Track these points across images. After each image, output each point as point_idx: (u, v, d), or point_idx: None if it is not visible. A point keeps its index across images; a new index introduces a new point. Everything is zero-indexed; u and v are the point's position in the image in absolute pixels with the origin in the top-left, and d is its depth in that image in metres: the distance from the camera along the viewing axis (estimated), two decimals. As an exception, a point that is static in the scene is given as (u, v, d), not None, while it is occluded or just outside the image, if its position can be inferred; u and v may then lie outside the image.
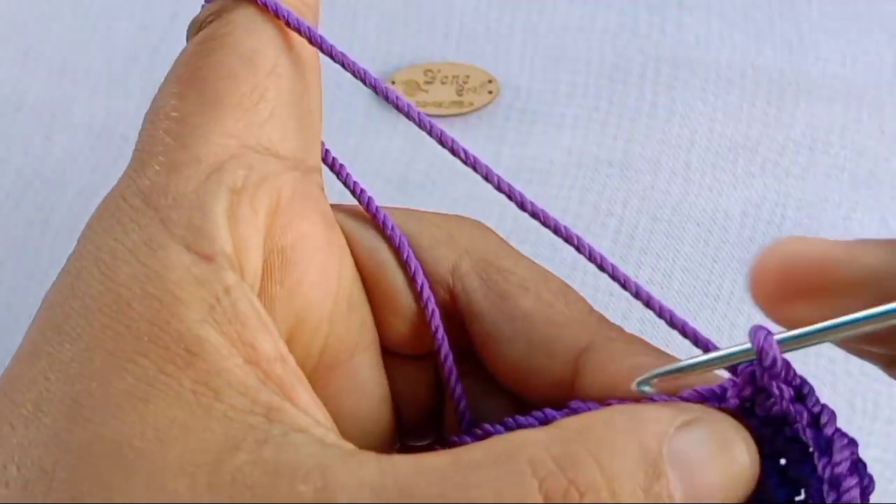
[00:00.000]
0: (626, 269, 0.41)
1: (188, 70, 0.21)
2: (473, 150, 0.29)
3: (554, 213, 0.43)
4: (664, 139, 0.44)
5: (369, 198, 0.24)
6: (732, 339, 0.40)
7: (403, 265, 0.23)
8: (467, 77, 0.44)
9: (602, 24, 0.46)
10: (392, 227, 0.23)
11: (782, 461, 0.21)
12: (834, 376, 0.39)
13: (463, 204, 0.43)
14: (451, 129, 0.44)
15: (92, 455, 0.16)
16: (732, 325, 0.40)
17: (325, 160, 0.24)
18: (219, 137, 0.20)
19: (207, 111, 0.20)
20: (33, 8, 0.47)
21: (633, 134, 0.44)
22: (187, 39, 0.22)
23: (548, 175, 0.43)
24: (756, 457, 0.20)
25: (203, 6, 0.23)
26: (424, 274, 0.23)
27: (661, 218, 0.42)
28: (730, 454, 0.20)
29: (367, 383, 0.23)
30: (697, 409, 0.20)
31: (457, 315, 0.23)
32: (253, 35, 0.21)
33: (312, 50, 0.23)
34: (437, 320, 0.23)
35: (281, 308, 0.20)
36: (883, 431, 0.38)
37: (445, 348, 0.23)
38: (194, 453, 0.16)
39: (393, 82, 0.44)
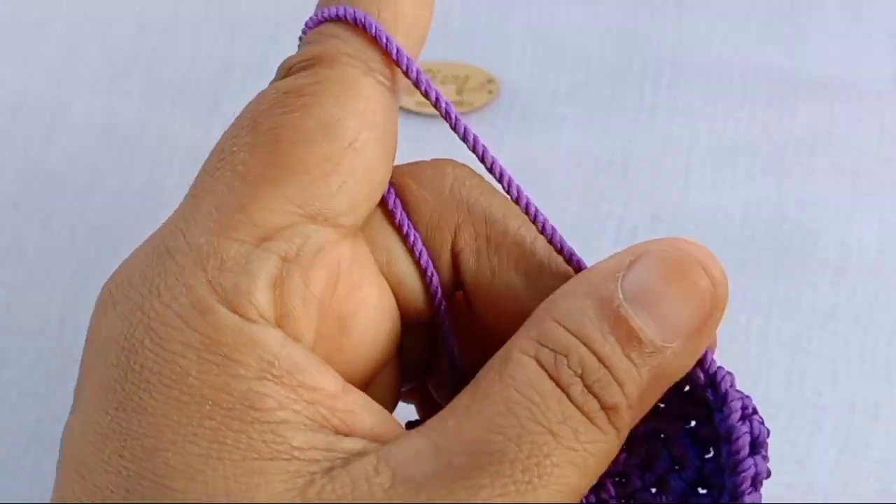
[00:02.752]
0: (627, 270, 0.42)
1: (265, 122, 0.21)
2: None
3: (554, 213, 0.43)
4: (664, 139, 0.44)
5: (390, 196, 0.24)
6: (733, 339, 0.40)
7: (410, 249, 0.23)
8: (467, 77, 0.44)
9: (602, 24, 0.46)
10: (400, 212, 0.24)
11: (692, 423, 0.22)
12: (834, 376, 0.39)
13: (463, 204, 0.43)
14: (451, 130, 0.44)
15: None
16: (733, 325, 0.40)
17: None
18: (279, 204, 0.20)
19: (274, 173, 0.20)
20: (33, 8, 0.47)
21: (633, 134, 0.44)
22: (276, 76, 0.23)
23: (548, 175, 0.43)
24: (724, 275, 0.20)
25: (301, 39, 0.22)
26: (428, 251, 0.23)
27: (661, 218, 0.42)
28: (686, 276, 0.20)
29: (390, 383, 0.25)
30: (645, 244, 0.21)
31: (456, 282, 0.24)
32: (338, 102, 0.21)
33: (393, 121, 0.23)
34: (439, 297, 0.24)
35: (337, 366, 0.21)
36: (883, 431, 0.38)
37: (446, 322, 0.24)
38: (277, 491, 0.18)
39: (393, 82, 0.44)
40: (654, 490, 0.22)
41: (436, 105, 0.23)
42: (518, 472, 0.18)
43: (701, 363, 0.22)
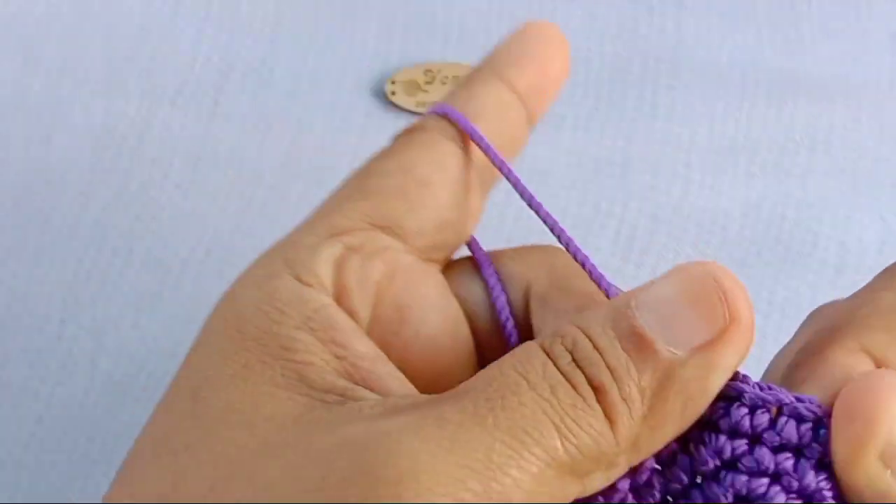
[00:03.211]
0: (626, 270, 0.42)
1: (363, 166, 0.26)
2: (473, 151, 0.29)
3: (554, 213, 0.43)
4: (664, 139, 0.44)
5: (472, 240, 0.27)
6: (732, 339, 0.40)
7: (493, 305, 0.26)
8: (467, 77, 0.44)
9: (602, 24, 0.46)
10: (488, 268, 0.26)
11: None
12: (834, 376, 0.39)
13: (463, 204, 0.43)
14: (451, 130, 0.45)
15: (203, 418, 0.21)
16: (732, 325, 0.40)
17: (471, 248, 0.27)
18: (354, 213, 0.24)
19: (355, 195, 0.25)
20: (33, 8, 0.47)
21: (633, 134, 0.44)
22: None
23: (548, 175, 0.43)
24: (745, 301, 0.21)
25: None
26: (511, 310, 0.25)
27: (661, 218, 0.42)
28: (703, 293, 0.21)
29: None
30: (677, 266, 0.22)
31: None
32: (418, 151, 0.25)
33: (468, 179, 0.26)
34: (510, 328, 0.25)
35: (394, 356, 0.23)
36: (883, 431, 0.38)
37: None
38: (282, 410, 0.21)
39: (393, 82, 0.44)
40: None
41: (508, 178, 0.27)
42: (482, 399, 0.19)
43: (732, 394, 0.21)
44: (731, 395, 0.21)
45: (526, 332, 0.25)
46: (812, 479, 0.20)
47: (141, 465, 0.22)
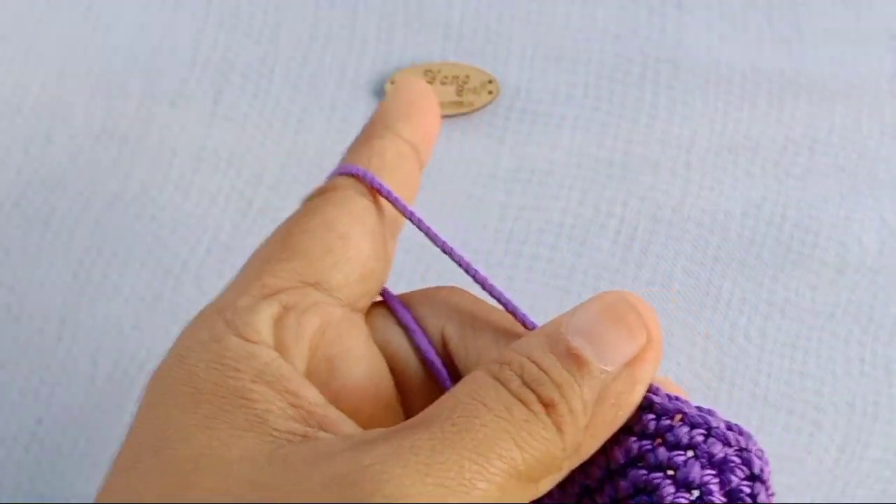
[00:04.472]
0: (626, 270, 0.42)
1: (283, 225, 0.27)
2: (473, 151, 0.29)
3: (554, 213, 0.44)
4: (664, 139, 0.44)
5: (385, 289, 0.29)
6: (733, 340, 0.40)
7: (414, 348, 0.27)
8: (467, 77, 0.44)
9: (602, 24, 0.46)
10: (405, 314, 0.28)
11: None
12: (834, 376, 0.39)
13: (463, 204, 0.43)
14: (451, 130, 0.44)
15: (174, 468, 0.22)
16: (733, 325, 0.40)
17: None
18: (285, 273, 0.26)
19: (283, 255, 0.26)
20: (33, 8, 0.47)
21: (633, 134, 0.44)
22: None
23: (548, 175, 0.43)
24: (657, 321, 0.25)
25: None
26: (430, 344, 0.27)
27: (661, 218, 0.42)
28: (622, 315, 0.24)
29: None
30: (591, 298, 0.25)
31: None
32: (336, 208, 0.27)
33: (382, 231, 0.28)
34: (439, 366, 0.27)
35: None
36: (883, 431, 0.38)
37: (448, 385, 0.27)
38: (251, 451, 0.22)
39: (393, 82, 0.44)
40: None
41: (419, 227, 0.29)
42: (448, 425, 0.22)
43: (651, 408, 0.24)
44: (643, 404, 0.24)
45: (449, 370, 0.27)
46: (698, 474, 0.23)
47: None
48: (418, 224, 0.29)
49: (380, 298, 0.29)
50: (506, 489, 0.22)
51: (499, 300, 0.27)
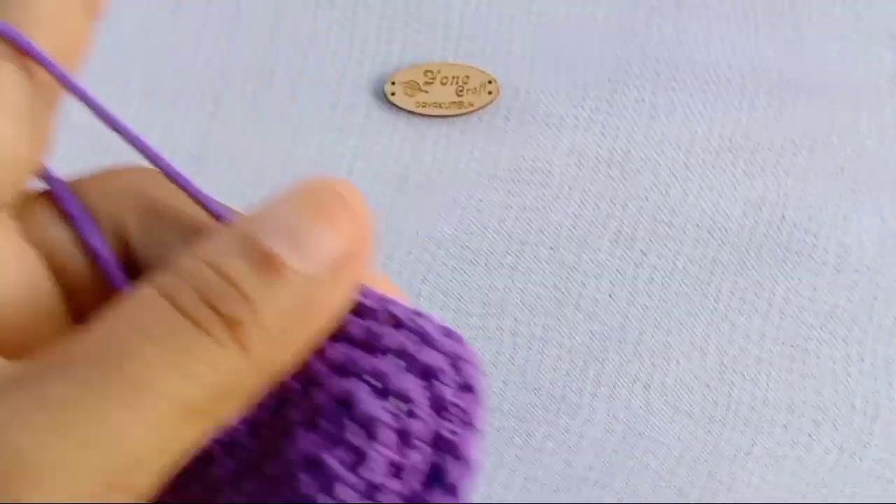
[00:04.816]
0: (626, 270, 0.42)
1: None
2: (473, 151, 0.29)
3: (554, 213, 0.44)
4: (664, 139, 0.44)
5: (47, 172, 0.24)
6: (732, 340, 0.40)
7: (83, 241, 0.23)
8: (467, 78, 0.44)
9: (602, 25, 0.46)
10: (70, 202, 0.23)
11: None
12: (834, 376, 0.39)
13: (463, 205, 0.43)
14: (451, 130, 0.45)
15: None
16: (732, 325, 0.40)
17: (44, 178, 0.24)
18: None
19: None
20: (33, 8, 0.47)
21: (633, 134, 0.44)
22: None
23: (548, 175, 0.43)
24: (367, 211, 0.20)
25: None
26: (102, 239, 0.23)
27: (661, 219, 0.42)
28: (328, 209, 0.20)
29: None
30: (288, 187, 0.21)
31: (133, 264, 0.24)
32: None
33: (34, 105, 0.24)
34: (114, 270, 0.23)
35: None
36: (883, 432, 0.38)
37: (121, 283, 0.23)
38: None
39: (393, 82, 0.44)
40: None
41: (77, 95, 0.24)
42: (91, 367, 0.18)
43: (361, 309, 0.21)
44: (349, 306, 0.21)
45: (132, 273, 0.23)
46: (405, 383, 0.20)
47: None
48: (79, 94, 0.23)
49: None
50: (171, 431, 0.18)
51: (178, 183, 0.22)
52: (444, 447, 0.21)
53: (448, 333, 0.21)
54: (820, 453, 0.38)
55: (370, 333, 0.21)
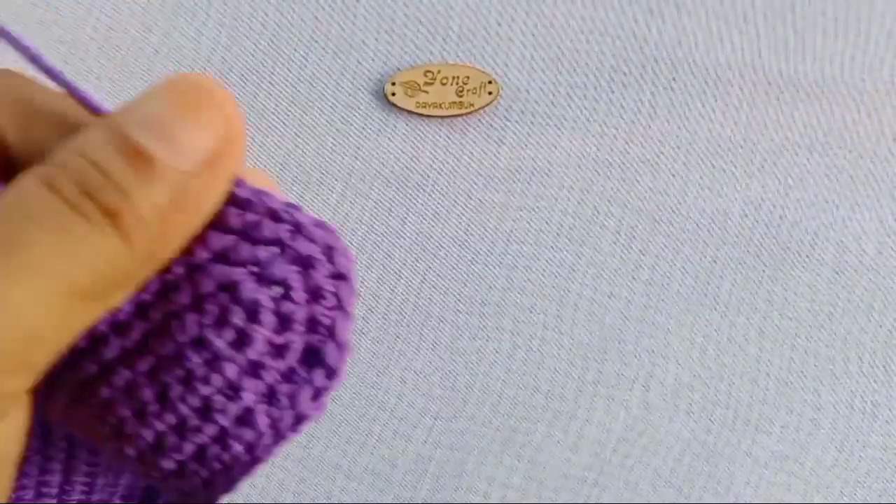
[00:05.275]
0: (626, 270, 0.42)
1: None
2: (473, 151, 0.29)
3: (554, 213, 0.44)
4: (664, 139, 0.44)
5: None
6: (732, 339, 0.40)
7: None
8: (467, 78, 0.44)
9: (602, 24, 0.46)
10: None
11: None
12: (834, 377, 0.39)
13: (463, 204, 0.43)
14: (452, 130, 0.45)
15: None
16: (732, 325, 0.40)
17: None
18: None
19: None
20: (33, 9, 0.47)
21: (632, 134, 0.44)
22: None
23: (548, 175, 0.43)
24: (236, 107, 0.21)
25: None
26: None
27: (661, 219, 0.42)
28: (198, 105, 0.20)
29: None
30: (159, 82, 0.21)
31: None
32: None
33: None
34: None
35: None
36: (883, 431, 0.38)
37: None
38: None
39: (393, 83, 0.44)
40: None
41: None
42: None
43: (235, 200, 0.22)
44: (228, 197, 0.22)
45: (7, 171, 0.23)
46: (281, 270, 0.22)
47: None
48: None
49: None
50: (64, 310, 0.19)
51: (53, 77, 0.23)
52: (321, 330, 0.22)
53: (321, 225, 0.22)
54: (819, 453, 0.38)
55: (248, 224, 0.22)
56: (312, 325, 0.22)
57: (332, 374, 0.22)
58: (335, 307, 0.22)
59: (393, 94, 0.44)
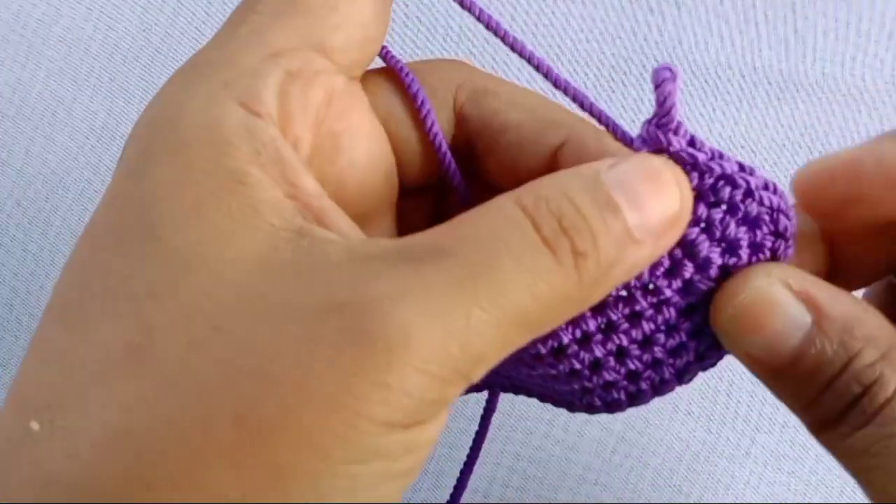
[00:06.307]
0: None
1: None
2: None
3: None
4: (664, 139, 0.44)
5: (387, 50, 0.26)
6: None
7: (416, 112, 0.26)
8: (467, 77, 0.44)
9: (602, 24, 0.46)
10: (411, 80, 0.26)
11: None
12: (833, 376, 0.39)
13: (463, 204, 0.43)
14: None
15: (164, 261, 0.20)
16: (732, 325, 0.40)
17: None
18: (288, 31, 0.23)
19: (285, 9, 0.23)
20: (34, 9, 0.47)
21: (632, 134, 0.44)
22: None
23: (548, 175, 0.43)
24: (690, 190, 0.23)
25: None
26: (433, 114, 0.26)
27: (661, 218, 0.42)
28: (661, 179, 0.23)
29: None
30: (625, 155, 0.24)
31: (462, 144, 0.27)
32: None
33: None
34: (443, 148, 0.26)
35: (329, 185, 0.24)
36: (882, 431, 0.38)
37: (448, 158, 0.27)
38: (244, 252, 0.20)
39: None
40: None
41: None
42: (464, 266, 0.20)
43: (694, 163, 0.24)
44: (689, 160, 0.24)
45: (457, 141, 0.26)
46: (733, 230, 0.24)
47: (92, 308, 0.21)
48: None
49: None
50: (509, 337, 0.21)
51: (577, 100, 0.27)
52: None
53: (768, 187, 0.25)
54: (819, 453, 0.38)
55: (703, 186, 0.24)
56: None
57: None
58: (771, 259, 0.24)
59: (393, 94, 0.44)
